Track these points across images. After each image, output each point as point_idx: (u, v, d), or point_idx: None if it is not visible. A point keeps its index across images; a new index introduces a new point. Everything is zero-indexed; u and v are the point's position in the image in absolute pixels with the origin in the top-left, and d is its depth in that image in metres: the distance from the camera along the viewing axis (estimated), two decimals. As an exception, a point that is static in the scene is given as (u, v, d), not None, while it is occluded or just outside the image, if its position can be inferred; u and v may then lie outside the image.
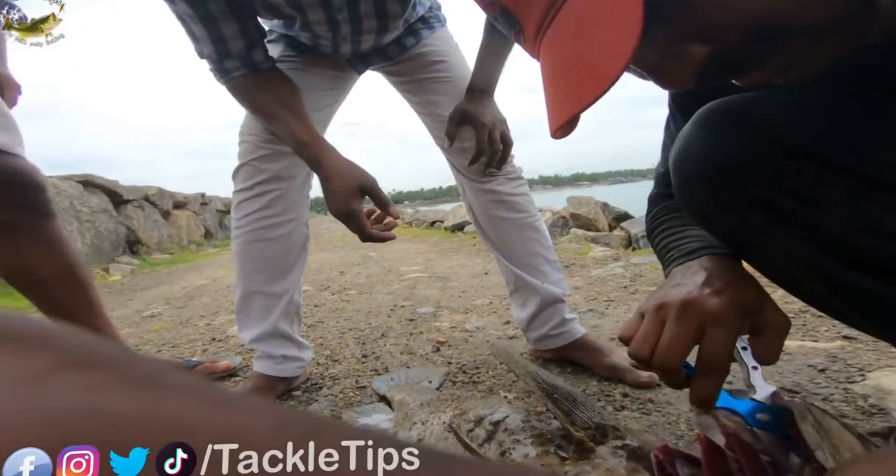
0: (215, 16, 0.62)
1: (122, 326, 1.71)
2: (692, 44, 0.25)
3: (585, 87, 0.25)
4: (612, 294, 1.45)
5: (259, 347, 0.79)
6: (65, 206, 4.16)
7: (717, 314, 0.35)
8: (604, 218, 3.53)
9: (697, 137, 0.37)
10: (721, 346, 0.34)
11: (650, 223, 0.52)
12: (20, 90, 0.91)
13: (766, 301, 0.37)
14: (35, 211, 0.80)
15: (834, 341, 0.85)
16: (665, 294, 0.38)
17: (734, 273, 0.38)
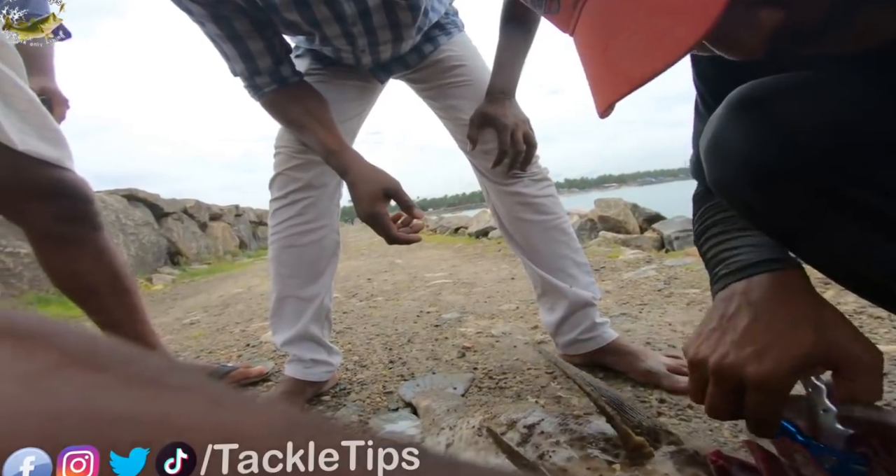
0: (242, 34, 0.65)
1: (164, 333, 1.79)
2: (765, 8, 0.23)
3: (655, 52, 0.23)
4: (645, 297, 1.40)
5: (290, 350, 0.81)
6: (111, 219, 4.43)
7: (757, 382, 0.31)
8: (634, 220, 3.42)
9: (733, 122, 0.34)
10: (764, 409, 0.32)
11: (696, 225, 0.48)
12: (68, 105, 0.97)
13: (838, 336, 0.31)
14: (84, 223, 0.84)
15: (895, 344, 0.79)
16: (700, 346, 0.35)
17: (789, 304, 0.33)
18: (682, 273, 1.64)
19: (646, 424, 0.40)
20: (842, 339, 0.31)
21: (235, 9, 0.63)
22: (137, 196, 5.21)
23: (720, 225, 0.44)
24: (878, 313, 0.92)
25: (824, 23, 0.24)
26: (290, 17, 0.65)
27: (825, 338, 0.31)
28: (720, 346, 0.33)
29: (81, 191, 0.83)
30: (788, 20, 0.24)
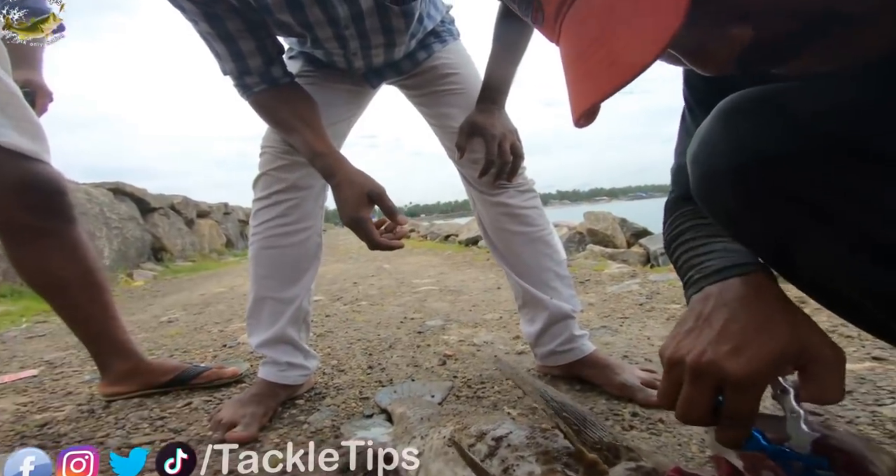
0: (234, 34, 0.65)
1: (139, 331, 1.75)
2: (736, 25, 0.23)
3: (617, 67, 0.23)
4: (626, 311, 1.41)
5: (266, 352, 0.80)
6: (95, 212, 4.34)
7: (736, 379, 0.31)
8: (622, 234, 3.46)
9: (721, 129, 0.34)
10: (742, 407, 0.32)
11: (668, 232, 0.48)
12: (51, 98, 0.96)
13: (809, 334, 0.32)
14: (58, 216, 0.83)
15: (863, 362, 0.81)
16: (678, 346, 0.34)
17: (763, 304, 0.34)
18: (664, 288, 1.66)
19: (606, 440, 0.40)
20: (812, 337, 0.32)
21: (228, 8, 0.63)
22: (124, 190, 5.12)
23: (691, 231, 0.44)
24: (848, 333, 0.95)
25: (797, 40, 0.24)
26: (282, 19, 0.65)
27: (798, 336, 0.32)
28: (698, 345, 0.33)
29: (56, 183, 0.82)
30: (761, 37, 0.24)
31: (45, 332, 1.92)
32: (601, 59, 0.23)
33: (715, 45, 0.24)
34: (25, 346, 1.69)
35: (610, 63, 0.23)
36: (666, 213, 0.50)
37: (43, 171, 0.80)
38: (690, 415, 0.34)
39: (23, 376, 1.19)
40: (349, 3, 0.64)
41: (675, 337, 0.36)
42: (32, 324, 2.20)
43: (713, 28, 0.24)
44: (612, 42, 0.23)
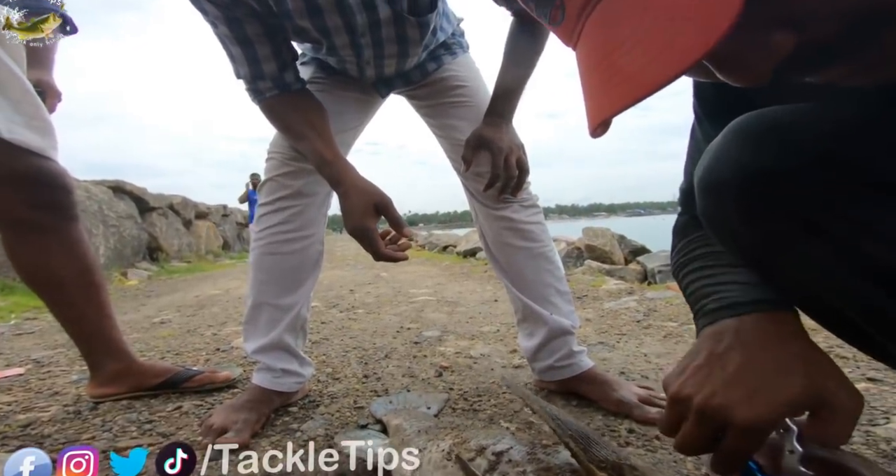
0: (251, 38, 0.66)
1: (131, 331, 1.73)
2: (778, 31, 0.21)
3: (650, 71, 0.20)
4: (623, 328, 1.40)
5: (261, 359, 0.79)
6: (93, 210, 4.32)
7: (743, 426, 0.30)
8: (620, 251, 3.48)
9: (730, 146, 0.33)
10: (743, 449, 0.31)
11: (676, 258, 0.47)
12: (60, 98, 0.97)
13: (826, 379, 0.31)
14: (61, 213, 0.83)
15: (858, 383, 0.81)
16: (686, 382, 0.33)
17: (780, 347, 0.32)
18: (661, 306, 1.66)
19: (611, 459, 0.40)
20: (830, 385, 0.31)
21: (249, 12, 0.64)
22: (124, 188, 5.12)
23: (704, 259, 0.43)
24: (844, 353, 0.95)
25: (842, 47, 0.22)
26: (301, 24, 0.65)
27: (815, 383, 0.31)
28: (707, 385, 0.32)
29: (61, 180, 0.82)
30: (804, 44, 0.21)
31: (35, 330, 1.89)
32: (634, 60, 0.21)
33: (754, 53, 0.22)
34: (13, 343, 1.66)
35: (644, 66, 0.21)
36: (675, 236, 0.49)
37: (50, 167, 0.81)
38: (688, 449, 0.33)
39: (8, 374, 1.17)
40: (368, 11, 0.65)
41: (683, 370, 0.35)
42: (22, 320, 2.18)
43: (754, 34, 0.21)
44: (646, 44, 0.21)
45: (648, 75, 0.20)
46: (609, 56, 0.22)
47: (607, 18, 0.23)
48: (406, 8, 0.66)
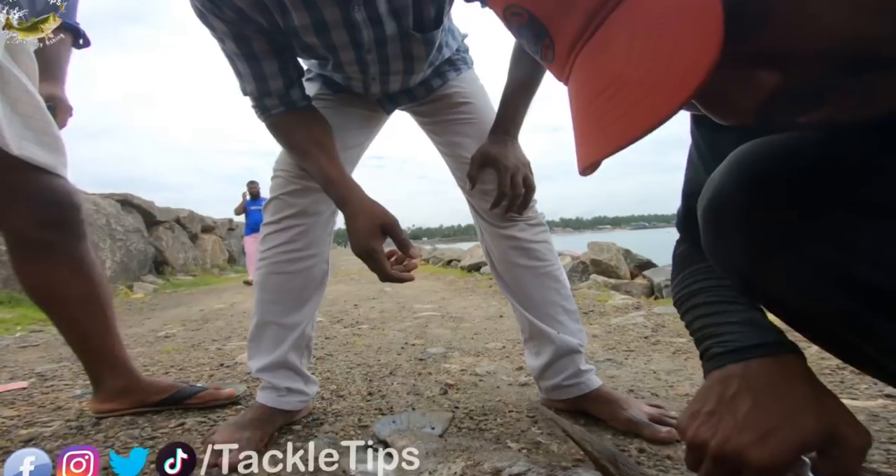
0: (258, 55, 0.66)
1: (136, 345, 1.72)
2: (761, 70, 0.21)
3: (635, 115, 0.21)
4: (631, 344, 1.38)
5: (265, 377, 0.78)
6: (101, 223, 4.37)
7: (759, 467, 0.31)
8: (625, 265, 3.45)
9: (731, 179, 0.33)
10: None
11: (678, 289, 0.47)
12: (72, 113, 0.96)
13: (836, 419, 0.32)
14: (69, 231, 0.82)
15: (875, 400, 0.79)
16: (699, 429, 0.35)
17: (789, 390, 0.34)
18: (669, 321, 1.64)
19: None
20: (839, 424, 0.32)
21: (257, 29, 0.65)
22: (132, 202, 5.18)
23: (706, 294, 0.43)
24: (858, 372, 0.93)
25: (827, 87, 0.22)
26: (308, 41, 0.66)
27: (824, 424, 0.32)
28: (720, 430, 0.34)
29: (70, 198, 0.82)
30: (788, 83, 0.22)
31: (40, 342, 1.90)
32: (618, 104, 0.21)
33: (737, 92, 0.22)
34: (18, 355, 1.66)
35: (627, 111, 0.21)
36: (676, 266, 0.50)
37: (59, 185, 0.81)
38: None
39: (11, 388, 1.17)
40: (374, 27, 0.65)
41: (694, 416, 0.36)
42: (27, 333, 2.18)
43: (736, 73, 0.22)
44: (631, 87, 0.21)
45: (631, 124, 0.21)
46: (596, 99, 0.23)
47: (595, 59, 0.23)
48: (412, 24, 0.67)
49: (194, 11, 0.64)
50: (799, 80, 0.22)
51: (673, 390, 0.96)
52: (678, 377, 1.05)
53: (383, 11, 0.63)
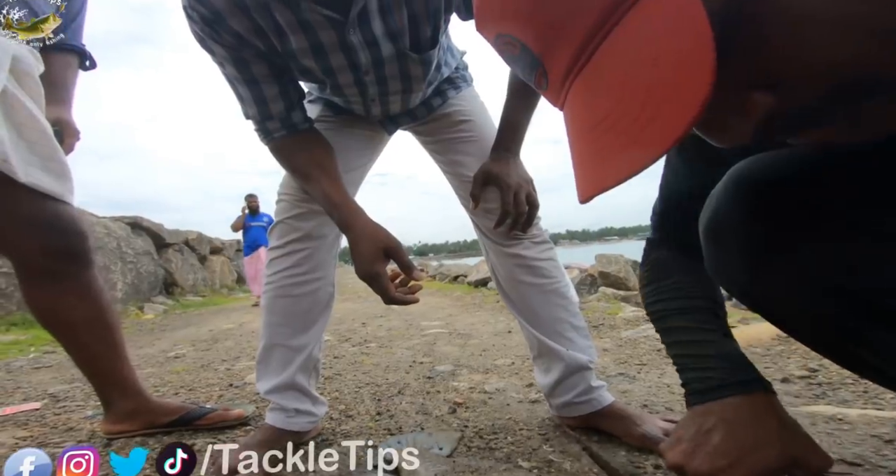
0: (258, 78, 0.67)
1: (146, 366, 1.73)
2: (757, 92, 0.21)
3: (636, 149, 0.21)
4: (644, 357, 1.36)
5: (274, 399, 0.78)
6: (112, 247, 4.45)
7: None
8: (635, 277, 3.41)
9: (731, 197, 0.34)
10: None
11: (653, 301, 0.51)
12: (79, 137, 0.96)
13: (800, 448, 0.38)
14: (76, 259, 0.82)
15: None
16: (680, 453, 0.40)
17: (759, 424, 0.39)
18: (681, 335, 1.61)
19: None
20: (801, 452, 0.38)
21: (256, 53, 0.66)
22: (141, 224, 5.27)
23: (683, 317, 0.47)
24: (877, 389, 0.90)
25: (824, 110, 0.22)
26: (306, 64, 0.67)
27: (789, 452, 0.37)
28: (697, 455, 0.39)
29: (75, 226, 0.82)
30: (784, 106, 0.21)
31: (52, 363, 1.91)
32: (617, 136, 0.21)
33: (734, 115, 0.22)
34: (31, 376, 1.68)
35: (627, 144, 0.21)
36: (650, 272, 0.52)
37: (65, 212, 0.80)
38: None
39: (25, 409, 1.18)
40: (371, 49, 0.65)
41: (678, 441, 0.42)
42: (41, 354, 2.20)
43: (731, 95, 0.21)
44: (629, 120, 0.21)
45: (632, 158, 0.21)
46: (594, 129, 0.23)
47: (590, 88, 0.23)
48: (408, 45, 0.67)
49: (194, 36, 0.65)
50: (794, 103, 0.22)
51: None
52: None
53: (379, 33, 0.64)
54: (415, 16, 0.65)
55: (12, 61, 0.74)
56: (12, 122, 0.74)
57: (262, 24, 0.62)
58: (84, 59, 0.95)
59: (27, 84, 0.78)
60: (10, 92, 0.74)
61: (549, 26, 0.23)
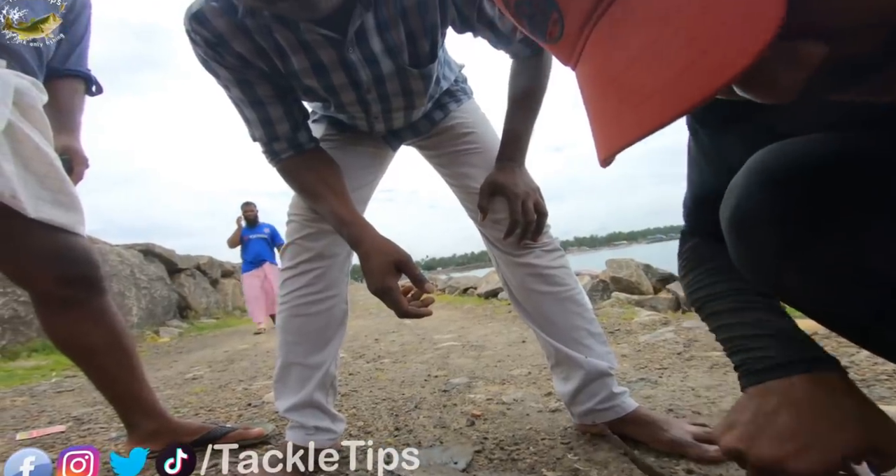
0: (263, 100, 0.69)
1: (165, 387, 1.74)
2: (808, 42, 0.19)
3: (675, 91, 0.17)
4: (664, 361, 1.33)
5: (293, 417, 0.77)
6: (126, 274, 4.52)
7: None
8: (647, 280, 3.37)
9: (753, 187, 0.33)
10: None
11: (694, 288, 0.47)
12: (87, 164, 0.95)
13: (881, 432, 0.33)
14: (89, 288, 0.84)
15: None
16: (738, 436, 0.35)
17: (832, 405, 0.34)
18: (702, 335, 1.58)
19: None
20: (882, 438, 0.33)
21: (260, 74, 0.66)
22: (154, 251, 5.36)
23: (729, 299, 0.43)
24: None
25: (879, 59, 0.20)
26: (308, 83, 0.68)
27: (866, 437, 0.32)
28: (760, 439, 0.34)
29: (87, 256, 0.84)
30: (834, 56, 0.19)
31: (74, 387, 1.93)
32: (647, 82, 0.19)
33: (782, 67, 0.20)
34: (54, 400, 1.70)
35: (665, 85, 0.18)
36: (687, 262, 0.49)
37: (77, 244, 0.82)
38: None
39: (51, 432, 1.20)
40: (371, 66, 0.67)
41: (732, 425, 0.36)
42: (62, 378, 2.23)
43: (783, 47, 0.19)
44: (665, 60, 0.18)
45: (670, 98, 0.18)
46: (621, 75, 0.20)
47: (616, 31, 0.20)
48: (407, 60, 0.67)
49: (198, 60, 0.67)
50: (849, 55, 0.20)
51: (716, 407, 0.91)
52: (719, 393, 1.00)
53: (377, 50, 0.66)
54: (412, 32, 0.66)
55: (15, 95, 0.74)
56: (20, 156, 0.75)
57: (263, 45, 0.64)
58: (90, 85, 0.96)
59: (32, 116, 0.78)
60: (16, 126, 0.74)
61: None
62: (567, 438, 0.81)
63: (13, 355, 3.02)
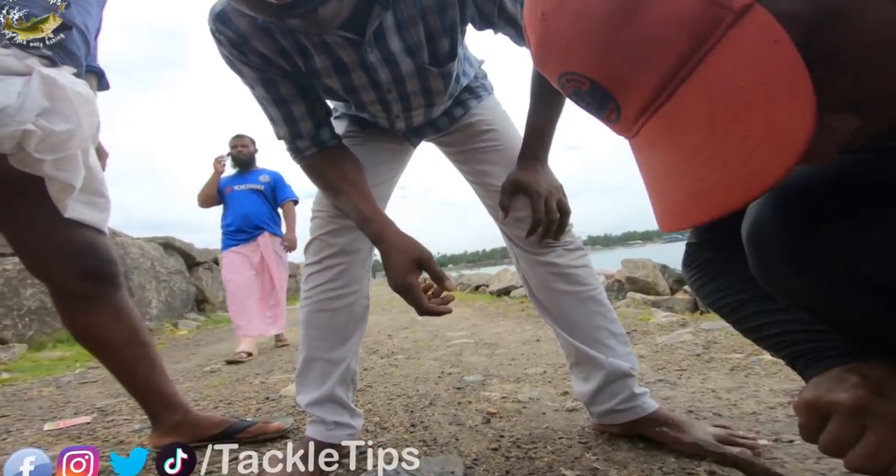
0: (286, 98, 0.69)
1: (184, 380, 1.78)
2: (841, 114, 0.22)
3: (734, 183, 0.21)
4: (683, 363, 1.32)
5: (314, 411, 0.79)
6: (147, 267, 4.63)
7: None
8: (664, 281, 3.32)
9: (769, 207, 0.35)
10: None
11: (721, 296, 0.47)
12: (107, 156, 1.01)
13: None
14: (108, 283, 0.87)
15: None
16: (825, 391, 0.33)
17: None
18: (721, 337, 1.55)
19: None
20: None
21: (282, 73, 0.67)
22: (173, 244, 5.47)
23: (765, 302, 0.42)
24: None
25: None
26: (329, 83, 0.69)
27: None
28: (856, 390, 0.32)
29: (108, 254, 0.87)
30: (868, 126, 0.22)
31: (98, 378, 1.99)
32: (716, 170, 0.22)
33: (819, 142, 0.22)
34: (79, 391, 1.75)
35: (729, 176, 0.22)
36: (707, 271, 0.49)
37: (100, 241, 0.86)
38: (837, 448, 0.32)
39: (77, 423, 1.23)
40: (390, 66, 0.67)
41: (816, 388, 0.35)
42: (86, 369, 2.30)
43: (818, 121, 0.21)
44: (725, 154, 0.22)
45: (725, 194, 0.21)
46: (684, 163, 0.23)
47: (674, 121, 0.24)
48: (427, 59, 0.67)
49: (224, 60, 0.68)
50: (879, 123, 0.22)
51: (737, 409, 0.90)
52: (741, 395, 0.98)
53: (397, 50, 0.66)
54: (431, 31, 0.66)
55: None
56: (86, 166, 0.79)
57: (285, 44, 0.64)
58: (99, 80, 0.98)
59: (89, 110, 0.81)
60: None
61: (625, 63, 0.24)
62: (585, 438, 0.81)
63: (39, 346, 3.13)
